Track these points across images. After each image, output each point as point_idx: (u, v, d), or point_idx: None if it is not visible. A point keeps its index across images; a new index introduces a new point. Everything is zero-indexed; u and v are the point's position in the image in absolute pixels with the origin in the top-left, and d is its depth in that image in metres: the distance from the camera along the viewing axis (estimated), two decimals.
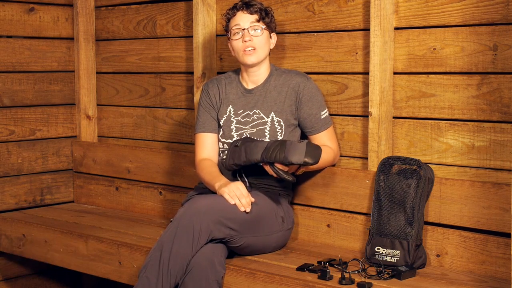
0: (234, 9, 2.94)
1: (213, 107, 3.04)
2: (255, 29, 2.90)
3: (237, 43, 2.91)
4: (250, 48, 2.89)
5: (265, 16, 2.93)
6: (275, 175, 2.75)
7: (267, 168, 2.75)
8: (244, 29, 2.90)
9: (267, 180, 2.93)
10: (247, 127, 2.96)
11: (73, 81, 4.01)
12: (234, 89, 3.03)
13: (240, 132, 2.95)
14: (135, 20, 3.81)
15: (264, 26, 2.92)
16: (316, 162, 2.70)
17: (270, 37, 2.97)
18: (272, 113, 2.95)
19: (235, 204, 2.69)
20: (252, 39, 2.89)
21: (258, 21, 2.91)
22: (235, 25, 2.92)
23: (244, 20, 2.91)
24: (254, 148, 2.76)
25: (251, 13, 2.91)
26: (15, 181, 3.79)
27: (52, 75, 3.92)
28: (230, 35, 2.94)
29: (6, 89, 3.73)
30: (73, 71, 4.00)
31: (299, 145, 2.68)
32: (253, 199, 2.74)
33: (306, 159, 2.66)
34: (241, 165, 2.82)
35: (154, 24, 3.73)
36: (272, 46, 2.99)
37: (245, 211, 2.69)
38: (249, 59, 2.91)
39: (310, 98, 2.93)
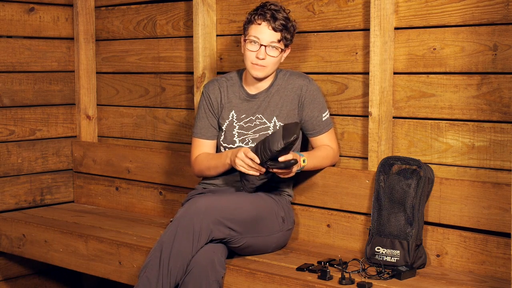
0: (261, 17, 2.79)
1: (213, 113, 3.00)
2: (272, 49, 2.81)
3: (250, 54, 2.82)
4: (260, 66, 2.82)
5: (287, 35, 2.81)
6: (279, 170, 2.68)
7: (275, 171, 2.70)
8: (262, 45, 2.80)
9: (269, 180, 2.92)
10: (249, 133, 2.94)
11: (73, 81, 4.01)
12: (236, 93, 2.99)
13: (242, 137, 2.94)
14: (135, 20, 3.81)
15: (283, 48, 2.83)
16: (296, 136, 2.60)
17: (284, 51, 2.87)
18: (275, 118, 2.93)
19: (236, 201, 2.71)
20: (266, 57, 2.80)
21: (279, 41, 2.80)
22: (254, 36, 2.81)
23: (266, 35, 2.79)
24: (271, 139, 2.65)
25: (275, 30, 2.79)
26: (15, 181, 3.79)
27: (52, 75, 3.92)
28: (246, 41, 2.83)
29: (6, 89, 3.73)
30: (73, 71, 4.00)
31: (276, 132, 2.63)
32: (258, 161, 2.67)
33: (285, 141, 2.59)
34: (270, 157, 2.67)
35: (154, 24, 3.73)
36: (282, 60, 2.90)
37: (246, 210, 2.71)
38: (255, 74, 2.85)
39: (312, 100, 2.92)
